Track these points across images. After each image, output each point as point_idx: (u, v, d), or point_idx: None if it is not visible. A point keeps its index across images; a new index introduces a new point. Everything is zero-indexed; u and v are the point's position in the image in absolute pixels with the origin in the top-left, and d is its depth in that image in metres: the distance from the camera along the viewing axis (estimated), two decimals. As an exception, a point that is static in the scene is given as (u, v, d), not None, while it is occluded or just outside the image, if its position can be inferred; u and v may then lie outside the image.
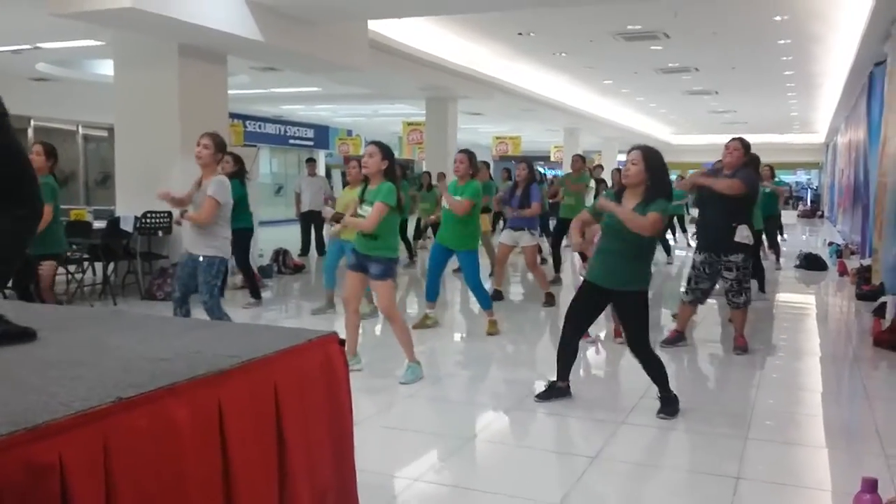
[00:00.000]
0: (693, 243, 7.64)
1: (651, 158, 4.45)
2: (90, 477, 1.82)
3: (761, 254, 10.02)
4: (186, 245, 5.65)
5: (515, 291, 9.76)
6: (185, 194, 5.64)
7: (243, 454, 2.29)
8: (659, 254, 12.99)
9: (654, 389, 4.67)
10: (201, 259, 5.46)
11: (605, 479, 3.66)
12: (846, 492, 3.14)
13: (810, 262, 12.15)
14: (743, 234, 5.95)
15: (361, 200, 5.20)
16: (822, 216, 29.28)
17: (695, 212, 7.17)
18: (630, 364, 6.05)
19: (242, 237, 8.26)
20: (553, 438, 4.32)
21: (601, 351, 6.40)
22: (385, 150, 5.13)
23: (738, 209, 5.99)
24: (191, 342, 2.60)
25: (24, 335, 2.62)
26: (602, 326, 6.78)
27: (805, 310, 9.07)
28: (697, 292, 6.25)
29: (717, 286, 6.41)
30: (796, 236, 20.44)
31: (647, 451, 4.10)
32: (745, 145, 6.11)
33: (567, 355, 4.82)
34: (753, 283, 9.12)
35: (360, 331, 5.64)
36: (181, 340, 2.65)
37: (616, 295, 4.59)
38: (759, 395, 5.07)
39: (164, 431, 2.03)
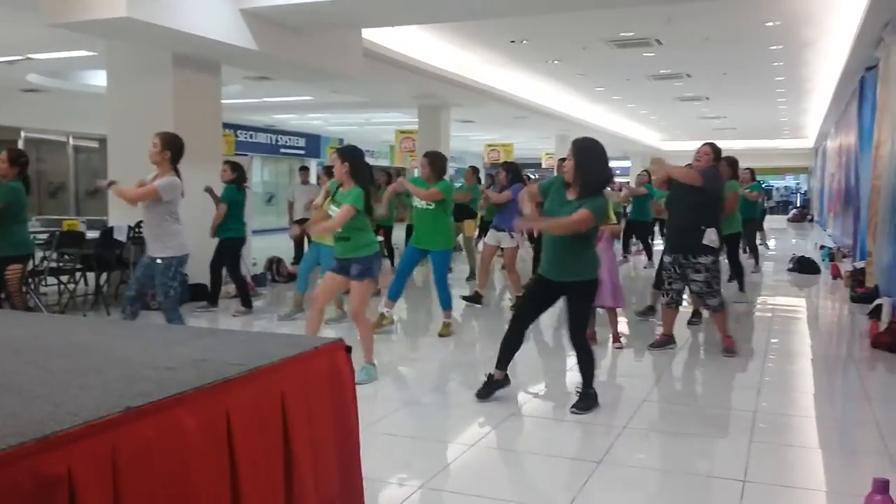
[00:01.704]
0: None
1: (579, 154, 4.51)
2: (98, 488, 1.79)
3: (741, 255, 10.08)
4: (147, 247, 5.76)
5: (507, 296, 9.73)
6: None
7: (251, 463, 2.26)
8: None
9: (657, 393, 4.66)
10: (158, 261, 5.55)
11: (611, 483, 3.64)
12: (854, 493, 3.12)
13: (803, 266, 12.20)
14: (710, 238, 5.97)
15: (333, 201, 5.33)
16: (811, 220, 29.42)
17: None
18: (631, 369, 6.05)
19: (235, 246, 8.26)
20: (557, 443, 4.29)
21: (615, 352, 6.39)
22: (343, 154, 5.30)
23: (705, 210, 6.00)
24: (196, 350, 2.57)
25: None
26: (605, 328, 6.76)
27: (800, 313, 9.09)
28: (672, 293, 6.27)
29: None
30: (787, 240, 20.53)
31: (652, 455, 4.08)
32: (716, 150, 6.18)
33: (511, 346, 4.85)
34: (733, 285, 9.21)
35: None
36: (186, 348, 2.62)
37: (568, 287, 4.64)
38: (759, 398, 5.06)
39: (172, 441, 2.00)
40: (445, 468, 3.81)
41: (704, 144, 6.25)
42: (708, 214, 6.02)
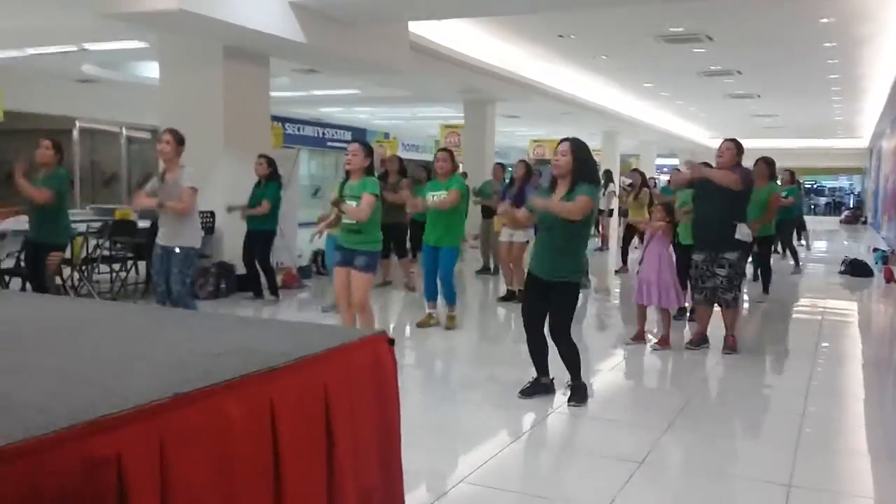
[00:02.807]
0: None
1: (578, 149, 4.60)
2: (146, 472, 1.82)
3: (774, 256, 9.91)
4: (160, 237, 5.86)
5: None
6: (145, 196, 5.88)
7: (293, 453, 2.28)
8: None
9: (701, 394, 4.59)
10: (177, 250, 5.68)
11: (652, 484, 3.60)
12: (904, 503, 3.05)
13: (855, 269, 11.92)
14: (743, 232, 5.97)
15: (341, 197, 5.48)
16: (865, 222, 28.72)
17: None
18: (675, 369, 5.98)
19: (269, 239, 8.49)
20: (597, 442, 4.26)
21: (661, 353, 6.32)
22: (367, 149, 5.56)
23: (736, 206, 5.98)
24: (242, 339, 2.61)
25: None
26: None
27: (851, 316, 8.88)
28: (707, 291, 6.16)
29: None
30: (839, 242, 20.07)
31: (695, 457, 4.02)
32: (738, 146, 6.11)
33: (538, 351, 4.87)
34: (758, 285, 9.05)
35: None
36: (231, 337, 2.66)
37: (550, 285, 4.66)
38: (807, 402, 4.95)
39: (217, 428, 2.03)
40: (485, 464, 3.80)
41: (726, 140, 6.17)
42: (739, 210, 6.01)
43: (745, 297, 8.72)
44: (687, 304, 7.22)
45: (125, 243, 8.63)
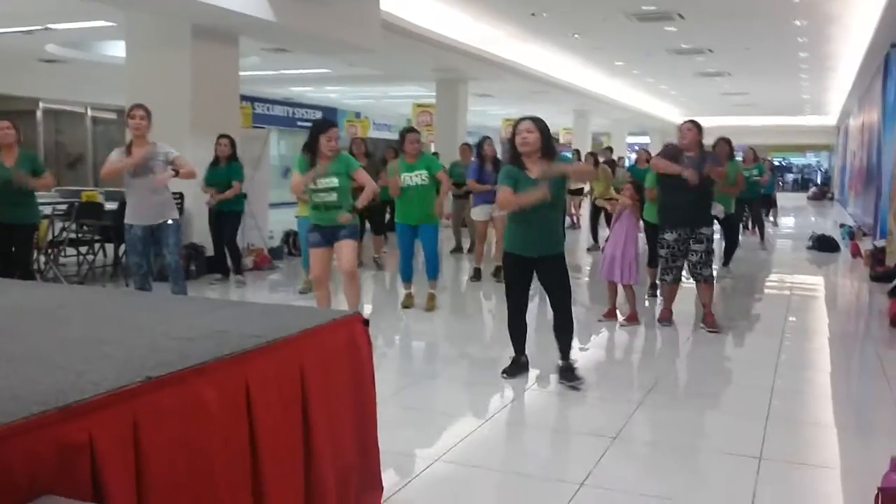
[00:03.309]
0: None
1: (543, 127, 4.68)
2: (120, 456, 1.81)
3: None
4: (142, 218, 5.84)
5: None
6: (123, 163, 5.84)
7: (270, 434, 2.28)
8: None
9: (673, 370, 4.65)
10: (170, 222, 5.71)
11: (626, 459, 3.64)
12: (870, 472, 3.11)
13: (823, 244, 12.11)
14: (718, 209, 6.32)
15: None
16: (832, 198, 29.13)
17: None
18: (646, 346, 6.05)
19: (238, 219, 8.52)
20: (573, 419, 4.30)
21: (630, 330, 6.38)
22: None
23: (710, 187, 6.25)
24: (215, 322, 2.59)
25: None
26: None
27: (818, 291, 9.03)
28: (675, 270, 6.28)
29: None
30: (806, 218, 20.35)
31: (668, 431, 4.08)
32: (699, 126, 6.23)
33: (522, 331, 4.95)
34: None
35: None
36: (205, 320, 2.64)
37: (548, 260, 4.71)
38: (776, 376, 5.04)
39: (192, 411, 2.02)
40: (461, 441, 3.82)
41: (687, 121, 6.26)
42: (710, 190, 6.29)
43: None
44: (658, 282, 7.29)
45: (92, 226, 8.51)
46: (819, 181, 35.71)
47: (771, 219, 16.39)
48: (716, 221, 7.02)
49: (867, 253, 10.37)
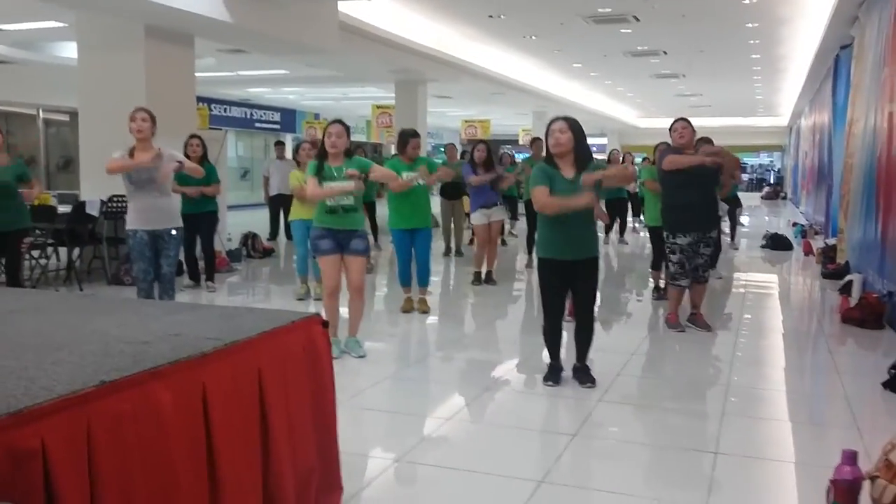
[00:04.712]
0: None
1: (576, 127, 4.60)
2: (73, 462, 1.78)
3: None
4: (148, 222, 5.61)
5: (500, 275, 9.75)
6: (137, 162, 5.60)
7: (228, 437, 2.26)
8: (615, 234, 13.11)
9: (631, 367, 4.71)
10: (174, 233, 5.54)
11: (585, 456, 3.68)
12: (823, 464, 3.18)
13: (776, 243, 12.35)
14: (723, 209, 6.18)
15: (321, 178, 5.12)
16: (784, 198, 29.71)
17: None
18: (606, 343, 6.10)
19: (214, 220, 8.24)
20: (533, 417, 4.33)
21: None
22: (349, 130, 5.31)
23: (717, 184, 6.31)
24: (171, 325, 2.56)
25: None
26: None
27: (772, 288, 9.20)
28: (691, 273, 6.16)
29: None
30: (760, 217, 20.72)
31: (626, 428, 4.13)
32: (691, 124, 6.23)
33: (558, 338, 4.87)
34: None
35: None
36: (160, 323, 2.60)
37: (586, 264, 4.66)
38: (732, 372, 5.13)
39: (147, 415, 1.99)
40: (422, 441, 3.83)
41: (679, 120, 6.19)
42: (716, 187, 6.36)
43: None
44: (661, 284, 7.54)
45: (45, 230, 8.33)
46: (772, 181, 36.41)
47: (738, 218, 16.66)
48: None
49: (819, 251, 10.61)
